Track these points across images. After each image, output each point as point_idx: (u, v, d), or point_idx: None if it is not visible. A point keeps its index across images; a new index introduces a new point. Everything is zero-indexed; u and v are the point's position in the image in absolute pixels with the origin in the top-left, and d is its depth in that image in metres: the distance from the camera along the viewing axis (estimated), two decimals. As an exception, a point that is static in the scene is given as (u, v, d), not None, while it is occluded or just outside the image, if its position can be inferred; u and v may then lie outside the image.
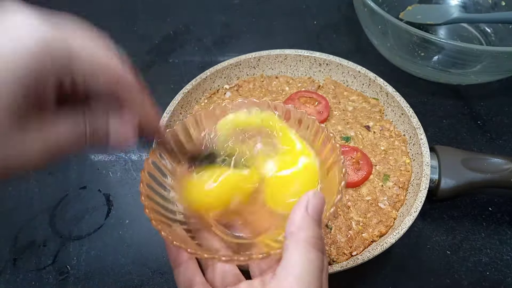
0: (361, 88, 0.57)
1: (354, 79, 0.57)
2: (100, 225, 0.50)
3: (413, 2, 0.73)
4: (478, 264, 0.47)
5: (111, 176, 0.55)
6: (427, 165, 0.46)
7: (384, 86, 0.54)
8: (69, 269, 0.47)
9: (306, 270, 0.24)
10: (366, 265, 0.43)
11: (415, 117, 0.50)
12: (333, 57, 0.57)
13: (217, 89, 0.58)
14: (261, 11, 0.79)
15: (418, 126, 0.49)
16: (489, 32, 0.70)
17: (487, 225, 0.50)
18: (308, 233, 0.25)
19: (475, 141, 0.58)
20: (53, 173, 0.56)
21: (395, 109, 0.53)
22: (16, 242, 0.49)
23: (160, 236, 0.51)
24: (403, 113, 0.51)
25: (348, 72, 0.57)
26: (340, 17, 0.77)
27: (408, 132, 0.51)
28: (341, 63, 0.57)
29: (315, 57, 0.58)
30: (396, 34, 0.60)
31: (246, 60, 0.58)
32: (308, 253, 0.24)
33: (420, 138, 0.48)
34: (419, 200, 0.43)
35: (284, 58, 0.59)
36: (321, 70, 0.59)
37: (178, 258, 0.31)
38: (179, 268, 0.31)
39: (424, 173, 0.45)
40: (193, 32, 0.75)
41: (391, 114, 0.54)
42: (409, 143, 0.51)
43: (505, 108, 0.62)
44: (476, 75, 0.60)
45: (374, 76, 0.55)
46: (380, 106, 0.55)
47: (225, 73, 0.58)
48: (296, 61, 0.59)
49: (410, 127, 0.50)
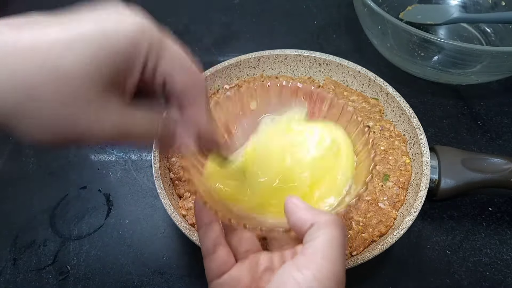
0: (361, 88, 0.57)
1: (354, 79, 0.57)
2: (100, 225, 0.50)
3: (413, 2, 0.73)
4: (478, 264, 0.47)
5: (111, 176, 0.55)
6: (427, 165, 0.46)
7: (384, 86, 0.54)
8: (69, 269, 0.47)
9: (331, 247, 0.26)
10: (366, 265, 0.43)
11: (415, 117, 0.50)
12: (333, 57, 0.57)
13: (217, 89, 0.58)
14: (261, 11, 0.79)
15: (418, 126, 0.49)
16: (489, 32, 0.70)
17: (487, 225, 0.50)
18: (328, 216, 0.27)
19: (475, 141, 0.58)
20: (53, 173, 0.56)
21: (395, 109, 0.53)
22: (16, 242, 0.49)
23: (160, 236, 0.51)
24: (403, 113, 0.51)
25: (348, 72, 0.57)
26: (340, 17, 0.77)
27: (408, 132, 0.51)
28: (341, 63, 0.57)
29: (315, 57, 0.58)
30: (396, 34, 0.60)
31: (246, 60, 0.58)
32: (332, 231, 0.26)
33: (420, 138, 0.48)
34: (419, 200, 0.43)
35: (284, 58, 0.59)
36: (321, 70, 0.59)
37: (205, 219, 0.32)
38: (205, 228, 0.32)
39: (424, 173, 0.45)
40: (193, 32, 0.75)
41: (391, 114, 0.54)
42: (409, 143, 0.51)
43: (505, 108, 0.62)
44: (476, 75, 0.60)
45: (374, 76, 0.55)
46: (380, 106, 0.55)
47: (225, 73, 0.58)
48: (296, 61, 0.59)
49: (410, 127, 0.50)
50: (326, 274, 0.25)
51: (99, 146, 0.58)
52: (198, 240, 0.36)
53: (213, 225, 0.32)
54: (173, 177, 0.49)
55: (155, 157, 0.47)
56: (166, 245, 0.49)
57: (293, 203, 0.29)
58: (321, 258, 0.25)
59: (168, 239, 0.49)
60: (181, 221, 0.42)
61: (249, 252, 0.32)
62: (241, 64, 0.58)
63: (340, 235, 0.26)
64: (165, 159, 0.50)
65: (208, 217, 0.32)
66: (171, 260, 0.47)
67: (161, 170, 0.47)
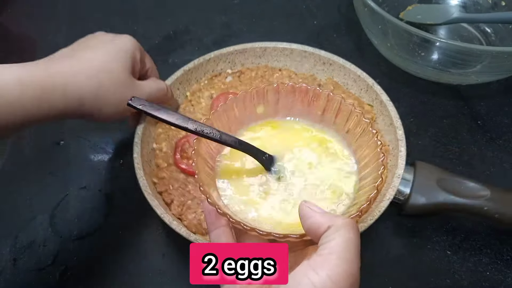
0: (359, 92, 0.57)
1: (354, 82, 0.57)
2: (100, 225, 0.50)
3: (413, 2, 0.73)
4: (478, 264, 0.47)
5: (111, 176, 0.55)
6: (397, 177, 0.45)
7: (379, 93, 0.53)
8: (69, 269, 0.47)
9: (347, 248, 0.26)
10: (366, 264, 0.43)
11: (401, 129, 0.49)
12: (337, 58, 0.57)
13: (219, 72, 0.59)
14: (261, 11, 0.79)
15: (401, 139, 0.48)
16: (489, 32, 0.70)
17: (487, 225, 0.50)
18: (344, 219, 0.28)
19: (475, 141, 0.58)
20: (53, 173, 0.56)
21: (386, 118, 0.52)
22: (16, 242, 0.49)
23: (160, 236, 0.51)
24: (391, 123, 0.51)
25: (349, 75, 0.57)
26: (340, 17, 0.77)
27: (392, 143, 0.50)
28: (344, 65, 0.57)
29: (320, 55, 0.58)
30: (396, 34, 0.60)
31: (252, 49, 0.59)
32: (348, 233, 0.27)
33: (400, 150, 0.47)
34: (378, 210, 0.42)
35: (290, 52, 0.59)
36: (324, 69, 0.59)
37: (217, 222, 0.33)
38: (216, 231, 0.33)
39: (393, 184, 0.44)
40: (193, 32, 0.75)
41: (382, 123, 0.53)
42: (390, 154, 0.50)
43: (505, 108, 0.62)
44: (477, 75, 0.60)
45: (372, 82, 0.54)
46: (373, 113, 0.54)
47: (229, 58, 0.59)
48: (301, 57, 0.59)
49: (394, 138, 0.49)
50: (341, 275, 0.25)
51: (99, 146, 0.58)
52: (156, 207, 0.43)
53: (224, 228, 0.33)
54: (155, 147, 0.52)
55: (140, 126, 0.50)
56: (166, 245, 0.49)
57: (309, 207, 0.29)
58: (337, 258, 0.26)
59: (168, 238, 0.49)
60: (146, 187, 0.45)
61: None
62: (246, 52, 0.59)
63: (356, 237, 0.27)
64: (153, 129, 0.52)
65: (219, 221, 0.33)
66: (171, 260, 0.47)
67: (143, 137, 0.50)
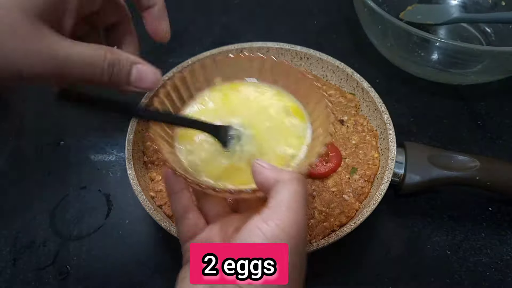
0: (339, 83, 0.58)
1: (333, 73, 0.58)
2: (100, 225, 0.50)
3: (413, 2, 0.73)
4: (478, 264, 0.47)
5: (111, 176, 0.55)
6: (392, 160, 0.47)
7: (360, 81, 0.55)
8: (69, 269, 0.47)
9: (294, 199, 0.28)
10: (366, 265, 0.43)
11: (387, 113, 0.51)
12: (313, 51, 0.58)
13: None
14: (261, 11, 0.79)
15: (388, 122, 0.50)
16: (489, 32, 0.70)
17: (487, 225, 0.50)
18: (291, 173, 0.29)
19: (475, 141, 0.58)
20: (53, 173, 0.56)
21: (370, 104, 0.54)
22: (16, 242, 0.49)
23: (160, 236, 0.51)
24: (376, 109, 0.52)
25: (328, 67, 0.58)
26: (340, 17, 0.77)
27: (379, 127, 0.52)
28: (321, 58, 0.58)
29: (297, 50, 0.59)
30: (396, 34, 0.60)
31: (228, 51, 0.59)
32: (294, 186, 0.28)
33: (389, 133, 0.49)
34: (380, 193, 0.44)
35: (267, 50, 0.60)
36: (302, 64, 0.60)
37: (176, 187, 0.34)
38: (176, 195, 0.34)
39: (389, 167, 0.46)
40: (192, 32, 0.75)
41: (366, 110, 0.55)
42: (379, 138, 0.52)
43: (505, 108, 0.62)
44: (476, 75, 0.60)
45: (352, 71, 0.56)
46: (356, 101, 0.56)
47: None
48: (278, 54, 0.60)
49: (381, 123, 0.51)
50: (288, 223, 0.27)
51: (99, 146, 0.58)
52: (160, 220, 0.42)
53: (183, 192, 0.34)
54: (146, 160, 0.51)
55: (129, 140, 0.49)
56: (166, 245, 0.49)
57: (259, 163, 0.30)
58: (285, 209, 0.27)
59: (168, 238, 0.49)
60: (147, 202, 0.44)
61: (219, 216, 0.35)
62: (222, 53, 0.59)
63: (302, 189, 0.29)
64: (141, 143, 0.52)
65: (178, 184, 0.34)
66: (171, 260, 0.47)
67: (134, 152, 0.49)
